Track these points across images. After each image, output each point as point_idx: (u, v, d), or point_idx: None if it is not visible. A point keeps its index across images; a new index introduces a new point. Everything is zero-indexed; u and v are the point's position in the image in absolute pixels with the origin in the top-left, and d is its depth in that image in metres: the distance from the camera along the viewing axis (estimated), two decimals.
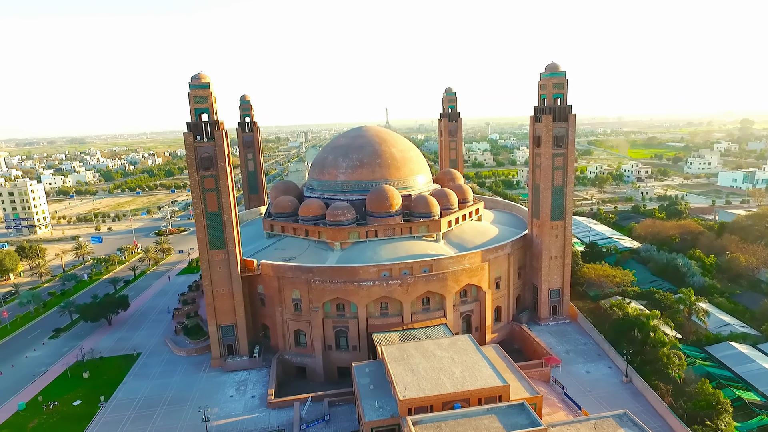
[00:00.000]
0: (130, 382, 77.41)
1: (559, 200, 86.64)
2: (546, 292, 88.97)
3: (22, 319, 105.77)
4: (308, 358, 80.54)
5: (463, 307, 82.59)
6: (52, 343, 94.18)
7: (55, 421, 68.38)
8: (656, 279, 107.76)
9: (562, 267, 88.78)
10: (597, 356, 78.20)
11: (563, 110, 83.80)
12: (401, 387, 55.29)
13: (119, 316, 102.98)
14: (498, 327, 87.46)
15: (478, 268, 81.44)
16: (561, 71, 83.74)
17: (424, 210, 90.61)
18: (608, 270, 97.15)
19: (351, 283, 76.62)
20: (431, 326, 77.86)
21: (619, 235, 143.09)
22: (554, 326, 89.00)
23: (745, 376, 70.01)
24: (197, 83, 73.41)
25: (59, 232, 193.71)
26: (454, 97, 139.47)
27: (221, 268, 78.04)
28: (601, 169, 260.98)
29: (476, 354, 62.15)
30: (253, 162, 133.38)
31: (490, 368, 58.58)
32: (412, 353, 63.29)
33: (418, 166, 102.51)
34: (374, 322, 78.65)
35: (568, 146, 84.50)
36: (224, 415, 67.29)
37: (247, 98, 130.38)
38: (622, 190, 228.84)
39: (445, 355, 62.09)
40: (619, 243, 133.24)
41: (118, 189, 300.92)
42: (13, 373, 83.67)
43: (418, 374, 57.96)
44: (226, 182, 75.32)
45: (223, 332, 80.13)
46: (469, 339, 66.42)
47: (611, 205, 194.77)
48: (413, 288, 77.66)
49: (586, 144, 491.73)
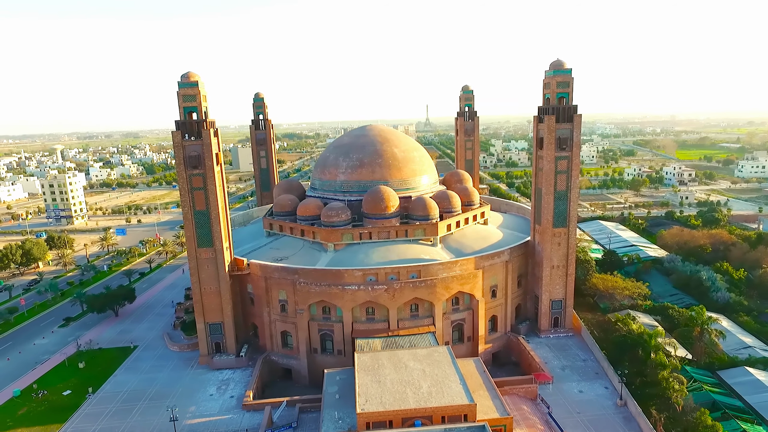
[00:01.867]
0: (120, 375, 79.08)
1: (562, 206, 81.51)
2: (547, 302, 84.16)
3: (39, 306, 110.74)
4: (294, 360, 79.64)
5: (454, 316, 79.24)
6: (60, 332, 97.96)
7: (42, 409, 70.60)
8: (677, 292, 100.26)
9: (565, 277, 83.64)
10: (595, 375, 73.06)
11: (568, 110, 78.61)
12: (362, 399, 53.22)
13: (126, 308, 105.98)
14: (494, 337, 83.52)
15: (470, 275, 77.85)
16: (566, 69, 78.54)
17: (422, 213, 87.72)
18: (619, 281, 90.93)
19: (336, 286, 74.98)
20: (418, 334, 75.17)
21: (645, 243, 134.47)
22: (555, 339, 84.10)
23: (757, 407, 63.28)
24: (186, 82, 73.61)
25: (94, 223, 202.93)
26: (471, 95, 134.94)
27: (209, 266, 78.29)
28: (639, 171, 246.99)
29: (450, 367, 59.12)
30: (265, 159, 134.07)
31: (461, 384, 55.47)
32: (384, 363, 61.03)
33: (422, 166, 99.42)
34: (359, 327, 76.69)
35: (573, 149, 79.25)
36: (199, 414, 67.34)
37: (261, 96, 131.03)
38: (661, 194, 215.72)
39: (417, 367, 59.43)
40: (644, 251, 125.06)
41: (156, 182, 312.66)
42: (19, 359, 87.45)
43: (384, 386, 55.67)
44: (213, 181, 75.28)
45: (211, 330, 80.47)
46: (447, 351, 63.39)
47: (645, 209, 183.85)
48: (400, 294, 75.12)
49: (632, 144, 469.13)
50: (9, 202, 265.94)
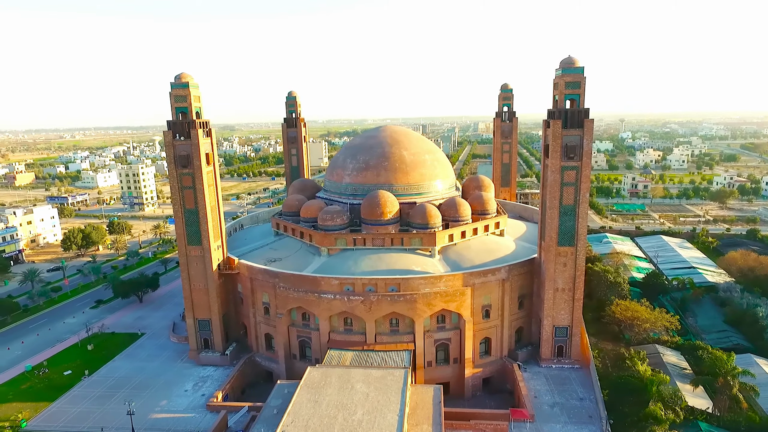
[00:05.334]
0: (118, 361, 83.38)
1: (569, 222, 72.21)
2: (549, 328, 75.36)
3: (82, 287, 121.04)
4: (274, 363, 78.87)
5: (438, 335, 73.60)
6: (90, 313, 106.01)
7: (41, 387, 76.28)
8: (726, 329, 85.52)
9: (571, 302, 74.26)
10: (587, 418, 63.72)
11: (578, 115, 69.16)
12: (289, 419, 50.57)
13: (150, 295, 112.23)
14: (486, 362, 76.52)
15: (456, 292, 71.73)
16: (577, 67, 69.00)
17: (421, 221, 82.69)
18: (641, 310, 78.97)
19: (312, 293, 72.77)
20: (394, 351, 70.84)
21: (708, 265, 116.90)
22: (557, 370, 75.14)
23: None
24: (177, 83, 75.05)
25: (161, 210, 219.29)
26: (509, 94, 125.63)
27: (198, 263, 79.77)
28: (731, 180, 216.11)
29: (396, 395, 54.47)
30: (296, 157, 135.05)
31: (397, 416, 50.73)
32: (332, 381, 57.80)
33: (434, 171, 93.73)
34: (336, 337, 73.93)
35: (583, 158, 69.68)
36: (167, 409, 68.71)
37: (294, 94, 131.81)
38: (753, 207, 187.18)
39: (362, 390, 55.51)
40: (702, 275, 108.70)
41: (228, 174, 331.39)
42: (47, 336, 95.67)
43: (318, 408, 52.55)
44: (201, 180, 76.28)
45: (200, 326, 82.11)
46: (403, 375, 58.55)
47: (726, 225, 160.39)
48: (377, 307, 71.13)
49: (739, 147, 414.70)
50: (102, 188, 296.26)
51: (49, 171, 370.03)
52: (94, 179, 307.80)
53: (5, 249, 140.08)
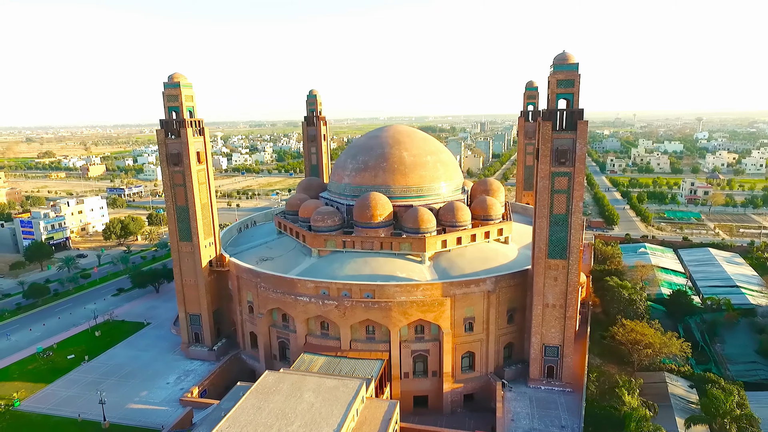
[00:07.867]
0: (117, 349, 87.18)
1: (560, 233, 66.13)
2: (538, 347, 69.67)
3: (111, 275, 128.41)
4: (257, 362, 79.03)
5: (416, 345, 70.31)
6: (110, 300, 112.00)
7: (44, 369, 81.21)
8: (756, 360, 75.35)
9: (562, 320, 68.14)
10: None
11: (571, 116, 62.98)
12: (225, 425, 49.79)
13: (166, 286, 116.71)
14: (469, 377, 72.23)
15: (434, 302, 68.07)
16: (571, 64, 62.71)
17: (412, 225, 79.56)
18: (648, 332, 70.77)
19: (289, 295, 71.97)
20: (366, 359, 68.44)
21: (756, 284, 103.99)
22: (545, 392, 69.35)
23: None
24: (170, 83, 76.69)
25: None
26: (535, 93, 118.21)
27: (188, 259, 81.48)
28: None
29: (342, 408, 52.20)
30: (315, 155, 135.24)
31: (334, 430, 48.51)
32: (282, 388, 56.49)
33: (435, 173, 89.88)
34: (312, 340, 72.69)
35: (576, 163, 63.43)
36: (145, 400, 70.68)
37: (314, 93, 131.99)
38: None
39: (309, 400, 53.75)
40: (745, 296, 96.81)
41: (276, 170, 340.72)
42: (67, 320, 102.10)
43: (258, 416, 51.42)
44: (191, 179, 77.64)
45: (192, 320, 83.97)
46: (356, 387, 56.04)
47: None
48: (351, 313, 69.08)
49: None
50: (158, 181, 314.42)
51: (119, 164, 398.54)
52: (154, 172, 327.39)
53: (53, 236, 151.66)
